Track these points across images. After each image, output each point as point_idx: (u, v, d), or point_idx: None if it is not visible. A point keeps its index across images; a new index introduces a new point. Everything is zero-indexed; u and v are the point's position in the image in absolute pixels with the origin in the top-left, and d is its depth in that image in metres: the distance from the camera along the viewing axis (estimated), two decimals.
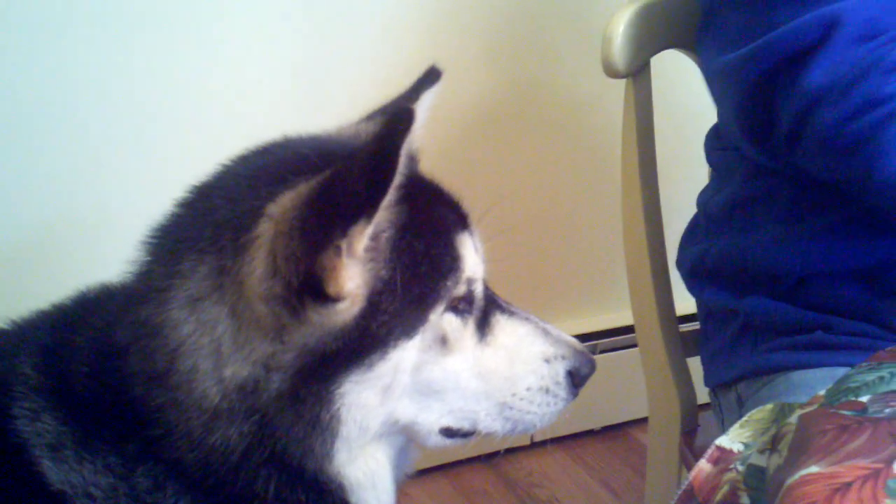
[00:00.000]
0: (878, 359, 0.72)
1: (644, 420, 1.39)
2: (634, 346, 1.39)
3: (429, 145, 0.84)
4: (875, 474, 0.59)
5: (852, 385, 0.69)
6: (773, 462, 0.69)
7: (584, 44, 1.56)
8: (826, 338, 0.91)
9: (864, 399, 0.66)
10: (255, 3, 1.35)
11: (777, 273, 0.95)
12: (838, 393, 0.69)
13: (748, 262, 0.99)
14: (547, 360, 0.79)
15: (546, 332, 0.80)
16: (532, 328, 0.79)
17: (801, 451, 0.65)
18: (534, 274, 1.70)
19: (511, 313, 0.80)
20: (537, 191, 1.68)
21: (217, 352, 0.67)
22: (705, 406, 1.15)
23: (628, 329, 1.63)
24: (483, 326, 0.77)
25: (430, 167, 0.81)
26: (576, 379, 0.80)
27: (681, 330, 1.19)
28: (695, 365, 1.17)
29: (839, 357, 0.88)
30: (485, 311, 0.77)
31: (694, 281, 1.09)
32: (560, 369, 0.79)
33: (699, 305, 1.12)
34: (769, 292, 0.97)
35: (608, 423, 1.92)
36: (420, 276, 0.70)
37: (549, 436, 1.86)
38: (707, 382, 1.10)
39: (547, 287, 1.76)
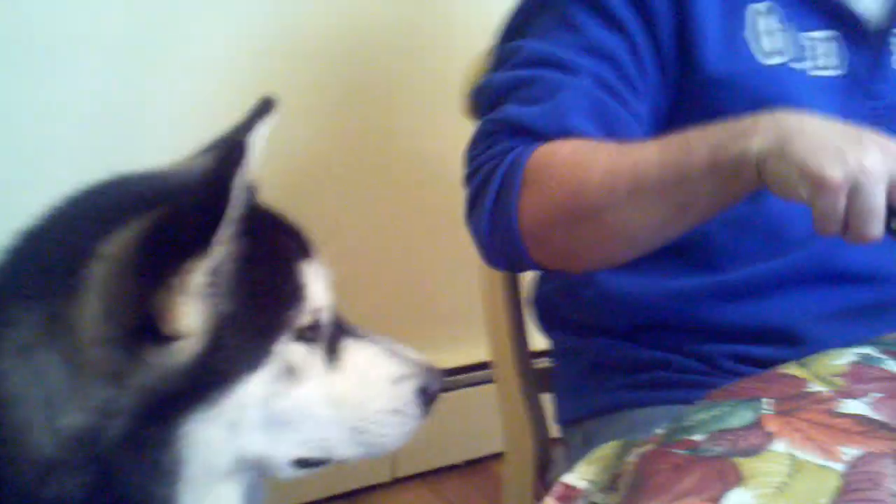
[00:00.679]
0: (712, 397, 0.74)
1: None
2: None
3: (278, 175, 0.83)
4: None
5: (686, 424, 0.71)
6: (613, 501, 0.71)
7: (428, 77, 1.57)
8: (665, 376, 0.95)
9: (698, 438, 0.69)
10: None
11: (613, 321, 0.99)
12: (673, 432, 0.71)
13: (584, 307, 1.03)
14: (396, 381, 0.78)
15: (395, 353, 0.80)
16: (380, 349, 0.79)
17: (637, 490, 0.67)
18: (390, 311, 1.70)
19: (359, 336, 0.79)
20: (391, 227, 1.69)
21: (50, 401, 0.63)
22: (559, 440, 1.17)
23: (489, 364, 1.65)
24: (332, 353, 0.76)
25: (280, 196, 0.80)
26: (426, 396, 0.80)
27: (538, 366, 1.21)
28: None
29: (679, 394, 0.91)
30: (333, 337, 0.76)
31: (544, 320, 1.12)
32: (410, 389, 0.79)
33: (551, 343, 1.15)
34: (611, 334, 1.00)
35: (469, 458, 1.93)
36: (263, 307, 0.69)
37: (410, 472, 1.86)
38: (557, 419, 1.12)
39: (405, 323, 1.75)
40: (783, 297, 0.93)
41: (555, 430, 1.17)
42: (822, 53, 0.97)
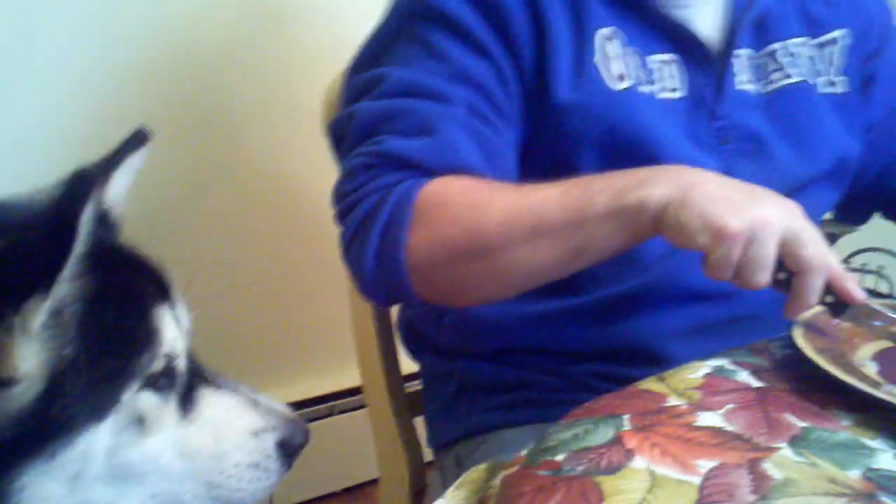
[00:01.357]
0: (575, 416, 0.75)
1: None
2: None
3: (136, 210, 0.80)
4: None
5: (550, 444, 0.71)
6: None
7: (286, 100, 1.56)
8: (531, 395, 0.96)
9: (560, 458, 0.69)
10: None
11: (477, 345, 1.00)
12: (537, 453, 0.71)
13: (448, 331, 1.03)
14: (256, 434, 0.75)
15: (256, 404, 0.77)
16: (240, 400, 0.76)
17: None
18: (263, 339, 1.67)
19: (218, 386, 0.76)
20: (257, 255, 1.66)
21: None
22: (434, 464, 1.16)
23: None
24: (187, 402, 0.72)
25: (136, 234, 0.76)
26: (288, 450, 0.77)
27: (409, 389, 1.20)
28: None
29: (546, 413, 0.92)
30: (189, 385, 0.73)
31: (410, 344, 1.11)
32: (270, 442, 0.76)
33: (420, 366, 1.14)
34: (476, 357, 1.00)
35: (348, 485, 1.90)
36: (110, 353, 0.65)
37: (289, 502, 1.82)
38: (430, 443, 1.11)
39: (279, 351, 1.72)
40: (640, 317, 0.96)
41: (430, 454, 1.17)
42: (668, 76, 0.99)
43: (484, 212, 0.85)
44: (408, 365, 1.19)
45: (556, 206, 0.82)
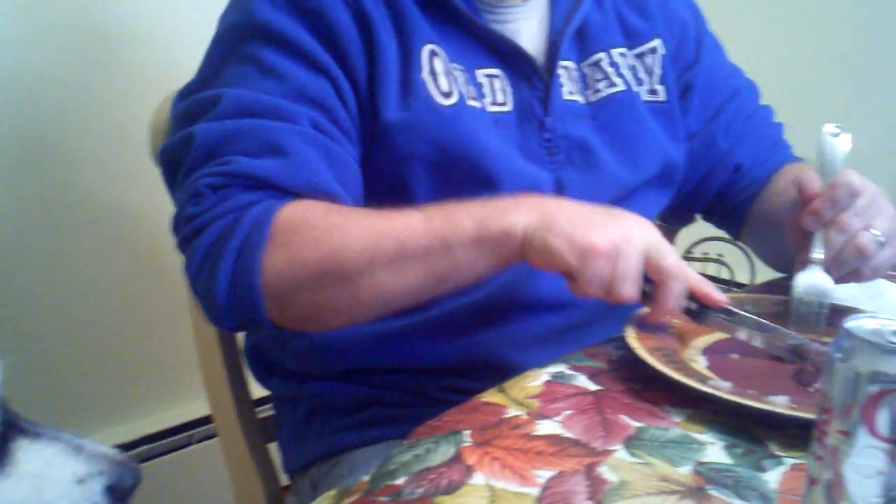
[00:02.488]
0: (417, 435, 0.74)
1: None
2: None
3: None
4: None
5: (390, 468, 0.70)
6: None
7: (113, 127, 1.50)
8: (381, 412, 0.95)
9: (400, 481, 0.68)
10: None
11: (325, 366, 0.98)
12: (378, 478, 0.70)
13: (295, 355, 1.01)
14: (81, 481, 0.71)
15: (79, 449, 0.72)
16: (62, 448, 0.72)
17: None
18: (112, 377, 1.60)
19: (36, 435, 0.71)
20: (92, 291, 1.58)
21: None
22: (290, 489, 1.14)
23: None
24: (1, 455, 0.68)
25: None
26: (118, 493, 0.73)
27: (262, 415, 1.18)
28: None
29: (396, 430, 0.91)
30: (3, 437, 0.69)
31: (258, 369, 1.09)
32: (97, 486, 0.72)
33: (270, 391, 1.11)
34: (325, 378, 0.99)
35: None
36: None
37: None
38: (285, 468, 1.09)
39: (131, 384, 1.66)
40: (485, 330, 0.96)
41: (286, 479, 1.15)
42: (494, 90, 1.00)
43: (346, 236, 0.83)
44: (258, 389, 1.17)
45: (420, 232, 0.83)
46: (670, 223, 1.23)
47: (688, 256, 2.59)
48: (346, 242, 0.83)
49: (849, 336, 0.55)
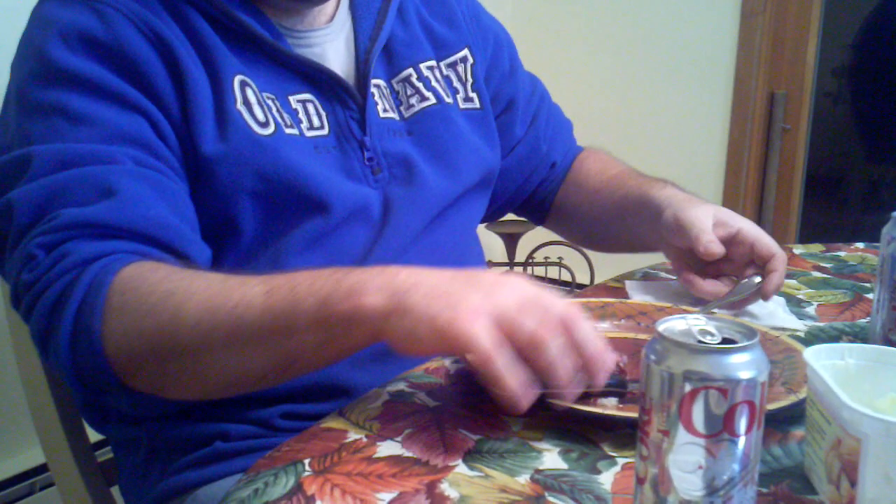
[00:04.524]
0: (256, 468, 0.73)
1: None
2: None
3: None
4: None
5: (231, 502, 0.69)
6: None
7: None
8: (224, 447, 0.92)
9: None
10: None
11: (161, 406, 0.94)
12: None
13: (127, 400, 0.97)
14: None
15: None
16: None
17: None
18: None
19: None
20: None
21: None
22: None
23: None
24: None
25: None
26: None
27: (103, 458, 1.12)
28: None
29: (240, 463, 0.89)
30: None
31: (92, 415, 1.03)
32: None
33: (107, 436, 1.06)
34: (164, 417, 0.95)
35: None
36: None
37: None
38: None
39: None
40: None
41: None
42: (311, 114, 1.00)
43: (179, 306, 0.78)
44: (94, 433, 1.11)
45: (258, 308, 0.75)
46: (485, 220, 1.27)
47: (529, 262, 2.67)
48: (179, 314, 0.78)
49: (661, 338, 0.57)
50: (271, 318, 0.75)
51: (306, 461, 0.72)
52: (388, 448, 0.73)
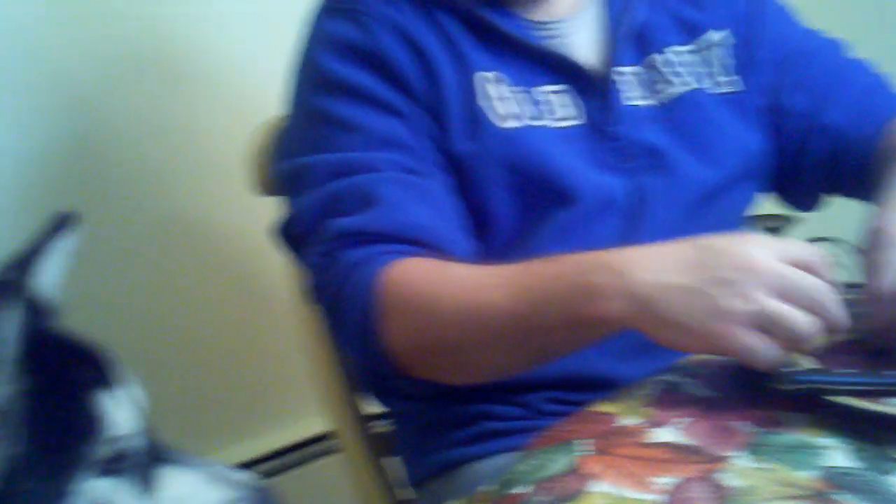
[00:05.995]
0: (533, 445, 0.75)
1: None
2: None
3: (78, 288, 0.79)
4: None
5: (509, 478, 0.71)
6: None
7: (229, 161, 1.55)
8: (491, 427, 0.96)
9: (521, 490, 0.69)
10: None
11: (431, 387, 1.00)
12: (499, 488, 0.71)
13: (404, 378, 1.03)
14: None
15: (221, 477, 0.76)
16: (203, 475, 0.75)
17: None
18: (224, 403, 1.66)
19: (181, 462, 0.75)
20: (203, 316, 1.64)
21: None
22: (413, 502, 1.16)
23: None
24: (146, 483, 0.72)
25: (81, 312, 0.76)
26: None
27: (379, 429, 1.20)
28: None
29: (509, 442, 0.93)
30: (147, 464, 0.72)
31: (374, 391, 1.11)
32: None
33: (386, 408, 1.14)
34: (437, 396, 1.00)
35: None
36: (55, 446, 0.65)
37: None
38: (408, 481, 1.11)
39: (242, 407, 1.71)
40: None
41: (406, 492, 1.17)
42: (557, 106, 1.01)
43: (436, 308, 0.87)
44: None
45: (504, 312, 0.82)
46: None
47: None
48: (438, 317, 0.86)
49: None
50: (516, 321, 0.82)
51: (581, 441, 0.73)
52: (662, 435, 0.73)
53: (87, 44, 1.44)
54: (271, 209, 1.07)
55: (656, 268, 0.74)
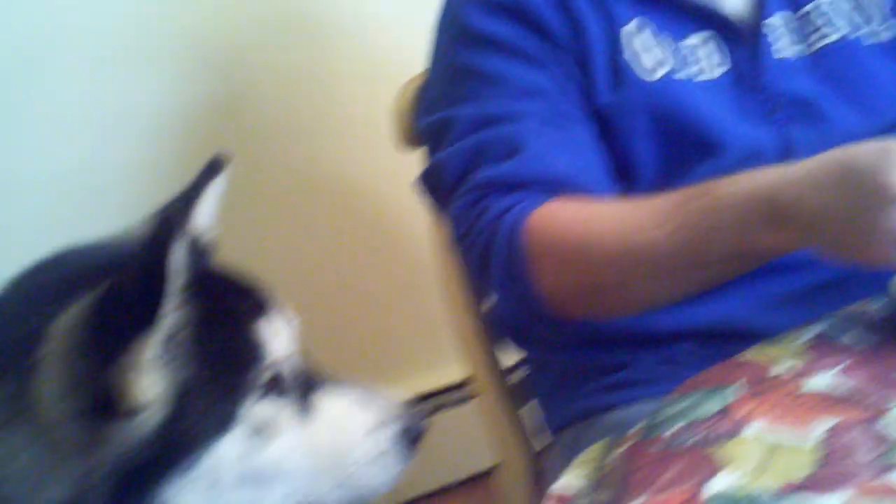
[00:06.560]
0: (681, 390, 0.76)
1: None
2: None
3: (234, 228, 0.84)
4: (688, 501, 0.63)
5: (660, 419, 0.73)
6: (601, 500, 0.72)
7: (373, 116, 1.60)
8: (629, 376, 0.97)
9: (671, 432, 0.70)
10: None
11: (568, 337, 1.01)
12: (649, 429, 0.73)
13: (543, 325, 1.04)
14: (377, 426, 0.79)
15: (372, 399, 0.80)
16: (358, 396, 0.79)
17: (620, 488, 0.68)
18: (363, 351, 1.72)
19: (334, 384, 0.79)
20: (350, 261, 1.71)
21: (29, 478, 0.64)
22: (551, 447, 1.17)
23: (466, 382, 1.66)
24: (306, 403, 0.76)
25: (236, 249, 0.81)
26: (410, 436, 0.80)
27: (516, 376, 1.22)
28: None
29: (647, 390, 0.93)
30: (305, 387, 0.77)
31: (515, 338, 1.12)
32: (392, 432, 0.79)
33: (524, 355, 1.16)
34: (577, 345, 1.02)
35: (461, 478, 1.93)
36: (222, 370, 0.69)
37: (408, 496, 1.85)
38: (547, 426, 1.13)
39: (379, 352, 1.77)
40: (729, 294, 0.94)
41: (543, 437, 1.19)
42: (703, 56, 1.00)
43: (593, 248, 0.87)
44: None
45: (667, 248, 0.83)
46: None
47: None
48: (595, 257, 0.87)
49: None
50: (681, 257, 0.82)
51: (733, 386, 0.74)
52: (817, 382, 0.73)
53: (237, 7, 1.51)
54: (415, 163, 1.10)
55: (804, 190, 0.76)
